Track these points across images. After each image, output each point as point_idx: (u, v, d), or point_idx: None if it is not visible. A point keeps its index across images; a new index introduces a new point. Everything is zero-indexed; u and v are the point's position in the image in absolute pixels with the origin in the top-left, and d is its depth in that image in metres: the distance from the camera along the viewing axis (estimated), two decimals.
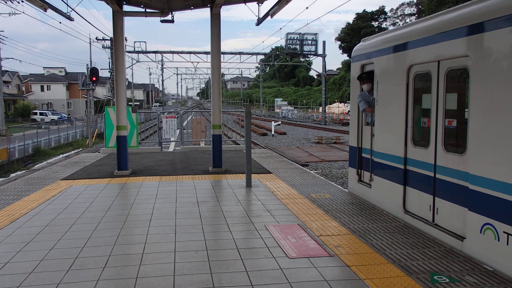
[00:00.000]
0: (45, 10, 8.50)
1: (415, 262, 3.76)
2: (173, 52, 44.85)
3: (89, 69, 24.99)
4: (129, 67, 51.43)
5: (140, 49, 42.87)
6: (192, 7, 8.98)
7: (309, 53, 46.63)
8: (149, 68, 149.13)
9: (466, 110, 4.17)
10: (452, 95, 4.37)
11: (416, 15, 68.73)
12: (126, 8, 8.63)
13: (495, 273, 3.52)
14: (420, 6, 66.34)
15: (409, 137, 4.97)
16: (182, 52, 44.46)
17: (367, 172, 6.05)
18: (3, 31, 50.53)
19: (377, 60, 5.74)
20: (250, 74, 76.02)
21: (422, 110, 4.88)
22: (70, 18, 10.50)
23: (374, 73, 5.78)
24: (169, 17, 9.17)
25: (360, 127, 6.34)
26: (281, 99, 75.31)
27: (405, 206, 5.06)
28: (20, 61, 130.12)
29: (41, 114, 52.50)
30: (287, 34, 45.09)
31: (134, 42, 44.36)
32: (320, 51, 44.71)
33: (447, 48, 4.24)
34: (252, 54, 46.21)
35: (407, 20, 71.15)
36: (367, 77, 6.05)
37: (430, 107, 4.54)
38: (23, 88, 66.26)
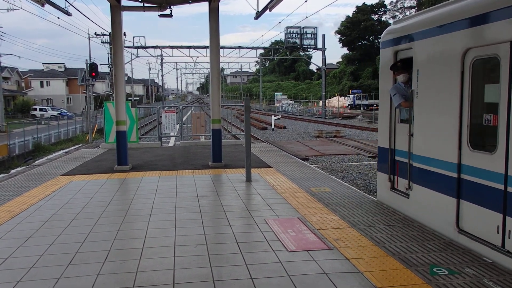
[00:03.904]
0: (43, 5, 8.47)
1: (414, 255, 3.77)
2: (172, 47, 44.69)
3: (88, 65, 24.93)
4: (128, 62, 51.29)
5: (139, 44, 42.77)
6: (190, 1, 8.94)
7: (308, 47, 46.48)
8: (149, 63, 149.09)
9: None
10: None
11: (416, 8, 68.43)
12: (124, 2, 8.60)
13: (494, 265, 3.53)
14: None
15: (464, 139, 4.02)
16: (181, 47, 44.32)
17: (403, 179, 5.09)
18: (1, 27, 50.29)
19: (418, 44, 4.73)
20: (249, 68, 76.15)
21: (484, 105, 3.94)
22: (68, 13, 10.47)
23: (414, 61, 4.79)
24: (167, 12, 9.13)
25: (392, 125, 5.36)
26: (281, 93, 75.20)
27: (458, 224, 4.12)
28: (19, 57, 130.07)
29: (40, 110, 52.46)
30: (287, 28, 44.93)
31: (133, 37, 44.50)
32: (319, 45, 44.56)
33: None
34: (252, 48, 46.07)
35: (407, 13, 70.87)
36: (403, 66, 5.13)
37: (497, 100, 3.63)
38: (23, 84, 66.16)
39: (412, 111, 4.86)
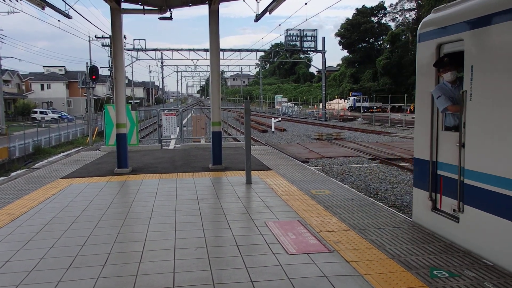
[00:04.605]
0: (43, 8, 8.48)
1: (414, 257, 3.76)
2: (172, 50, 44.77)
3: (88, 68, 24.99)
4: (128, 65, 51.45)
5: (139, 47, 42.80)
6: (190, 4, 8.96)
7: (308, 49, 46.57)
8: (149, 66, 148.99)
9: None
10: None
11: (416, 10, 68.55)
12: (124, 5, 8.61)
13: (495, 267, 3.52)
14: (419, 1, 66.17)
15: None
16: (181, 50, 44.40)
17: (450, 199, 4.26)
18: (2, 29, 50.47)
19: (472, 35, 3.91)
20: (250, 71, 76.27)
21: None
22: (68, 16, 10.49)
23: (466, 55, 3.97)
24: (167, 14, 9.14)
25: (434, 133, 4.49)
26: (281, 95, 75.29)
27: None
28: (20, 60, 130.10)
29: (41, 112, 52.52)
30: (287, 30, 45.05)
31: (134, 39, 44.45)
32: (319, 47, 44.61)
33: None
34: (252, 51, 46.11)
35: (407, 16, 71.03)
36: (450, 62, 4.33)
37: None
38: (23, 87, 66.28)
39: (463, 116, 3.99)
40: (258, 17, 10.09)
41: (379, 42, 73.60)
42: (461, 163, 4.03)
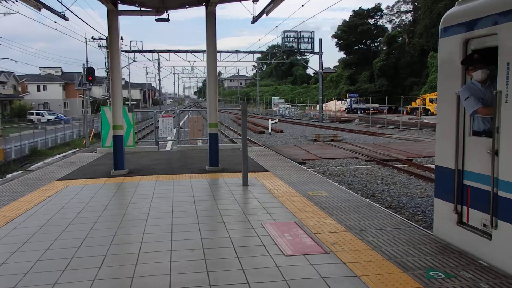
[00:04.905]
0: (39, 10, 8.45)
1: (411, 259, 3.77)
2: (169, 51, 44.79)
3: (85, 69, 24.95)
4: (125, 66, 51.36)
5: (136, 48, 42.78)
6: (187, 6, 8.97)
7: (305, 51, 46.73)
8: (146, 67, 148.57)
9: None
10: None
11: (412, 12, 68.86)
12: (121, 7, 8.60)
13: (491, 268, 3.53)
14: (416, 3, 66.48)
15: None
16: (178, 51, 44.40)
17: (479, 212, 3.84)
18: None
19: (508, 28, 3.46)
20: (247, 72, 76.35)
21: None
22: (64, 18, 10.46)
23: (501, 51, 3.55)
24: (164, 16, 9.14)
25: (460, 139, 4.03)
26: (278, 97, 75.34)
27: None
28: (16, 61, 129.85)
29: (37, 114, 52.33)
30: (284, 32, 45.14)
31: (130, 41, 44.51)
32: (316, 49, 44.70)
33: None
34: (249, 52, 46.17)
35: (403, 18, 71.34)
36: (480, 59, 3.90)
37: None
38: (19, 89, 65.99)
39: (497, 120, 3.56)
40: (255, 19, 10.10)
41: (375, 44, 73.88)
42: (494, 172, 3.59)
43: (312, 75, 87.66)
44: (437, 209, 4.44)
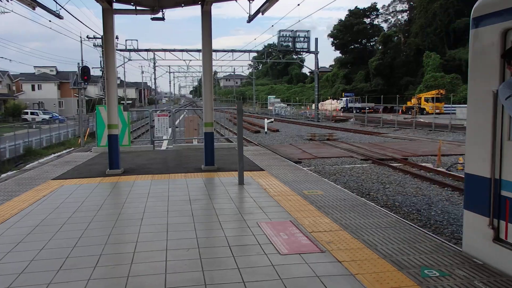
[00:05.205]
0: (34, 8, 8.40)
1: (406, 257, 3.78)
2: (165, 50, 44.71)
3: (80, 68, 24.83)
4: (121, 65, 51.09)
5: (131, 47, 42.66)
6: (182, 5, 8.94)
7: (301, 50, 46.73)
8: (141, 66, 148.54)
9: None
10: None
11: (408, 12, 69.10)
12: (116, 6, 8.56)
13: (485, 267, 3.55)
14: (411, 3, 66.72)
15: None
16: (174, 50, 44.33)
17: None
18: None
19: None
20: (243, 71, 76.04)
21: None
22: (59, 17, 10.42)
23: None
24: (159, 15, 9.11)
25: (498, 143, 3.56)
26: (274, 96, 75.44)
27: None
28: (10, 60, 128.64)
29: (32, 113, 52.02)
30: (279, 31, 45.14)
31: (126, 40, 44.15)
32: (312, 48, 44.78)
33: None
34: (245, 51, 46.20)
35: (399, 17, 71.58)
36: None
37: None
38: (14, 88, 65.59)
39: None
40: (250, 18, 10.09)
41: (371, 43, 74.11)
42: None
43: (308, 74, 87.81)
44: (467, 222, 3.90)
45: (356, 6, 72.98)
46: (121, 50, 42.03)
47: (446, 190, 10.42)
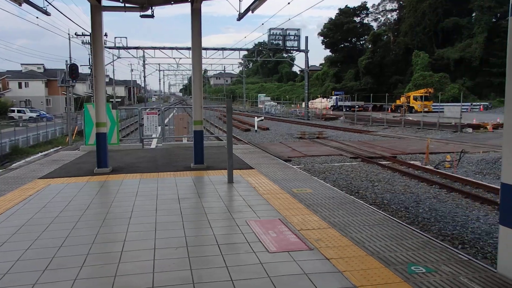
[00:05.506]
0: (20, 5, 8.28)
1: (393, 254, 3.82)
2: (154, 48, 44.42)
3: (68, 66, 24.53)
4: (109, 63, 50.66)
5: (121, 45, 42.31)
6: (172, 2, 8.88)
7: (292, 48, 46.82)
8: (131, 64, 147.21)
9: None
10: None
11: (397, 11, 69.60)
12: (105, 2, 8.47)
13: (470, 262, 3.60)
14: (401, 2, 67.21)
15: None
16: (164, 48, 44.05)
17: None
18: None
19: None
20: (233, 70, 76.18)
21: None
22: (46, 13, 10.28)
23: None
24: (149, 12, 9.04)
25: None
26: (264, 94, 75.40)
27: None
28: None
29: (18, 111, 51.24)
30: (270, 29, 45.16)
31: (115, 37, 44.04)
32: (302, 47, 44.88)
33: None
34: (235, 49, 46.07)
35: (389, 16, 72.08)
36: None
37: None
38: (0, 85, 64.53)
39: None
40: (240, 16, 10.08)
41: (361, 42, 74.45)
42: None
43: (298, 72, 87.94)
44: (504, 240, 3.35)
45: (347, 5, 73.28)
46: (110, 48, 41.66)
47: (434, 187, 10.54)
